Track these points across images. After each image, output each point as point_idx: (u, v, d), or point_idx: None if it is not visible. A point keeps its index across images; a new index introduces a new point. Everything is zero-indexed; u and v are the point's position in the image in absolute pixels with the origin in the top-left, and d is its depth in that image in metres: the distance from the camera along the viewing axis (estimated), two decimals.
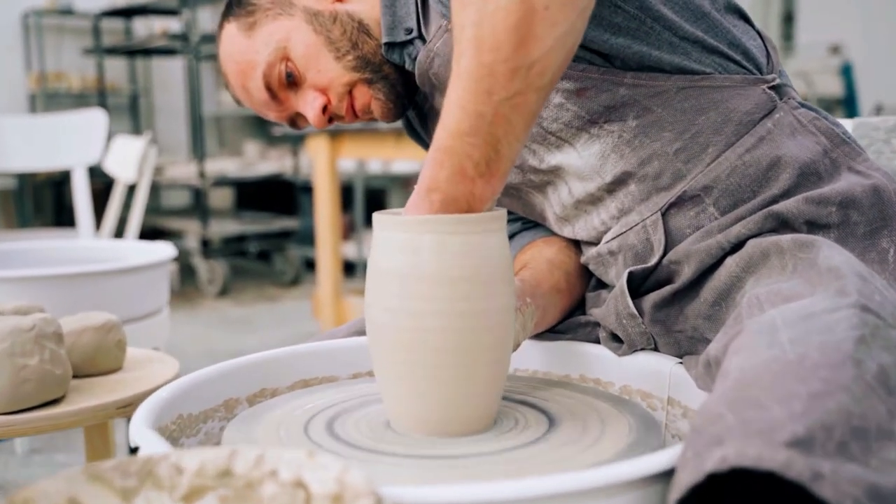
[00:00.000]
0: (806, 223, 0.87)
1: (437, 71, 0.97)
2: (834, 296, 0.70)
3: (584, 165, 0.94)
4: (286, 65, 1.02)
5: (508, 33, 0.72)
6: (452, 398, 0.76)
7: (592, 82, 0.90)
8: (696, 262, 0.89)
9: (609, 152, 0.93)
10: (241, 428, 0.80)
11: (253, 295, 4.85)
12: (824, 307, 0.68)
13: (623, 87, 0.90)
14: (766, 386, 0.62)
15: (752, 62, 0.94)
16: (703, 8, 0.93)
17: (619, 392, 0.96)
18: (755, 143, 0.90)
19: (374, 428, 0.80)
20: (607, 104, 0.91)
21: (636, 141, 0.91)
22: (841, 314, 0.67)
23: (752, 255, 0.85)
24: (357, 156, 3.44)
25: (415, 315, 0.75)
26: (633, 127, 0.91)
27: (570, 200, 0.98)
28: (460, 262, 0.75)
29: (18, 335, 1.02)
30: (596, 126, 0.92)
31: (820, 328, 0.66)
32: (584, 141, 0.93)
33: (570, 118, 0.92)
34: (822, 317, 0.67)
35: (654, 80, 0.90)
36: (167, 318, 1.88)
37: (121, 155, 3.07)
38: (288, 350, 0.99)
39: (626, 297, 0.92)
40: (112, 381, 1.15)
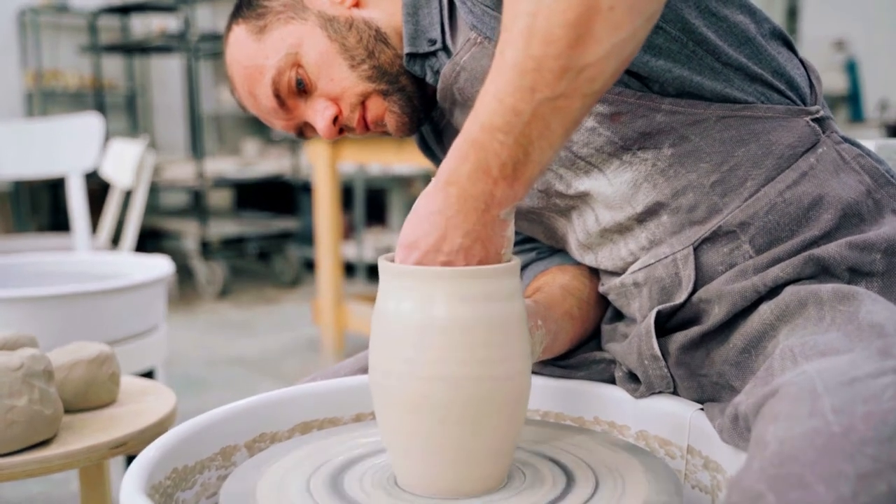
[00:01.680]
0: (848, 270, 0.82)
1: (462, 86, 0.92)
2: (876, 357, 0.65)
3: (615, 193, 0.89)
4: (297, 71, 0.97)
5: (565, 28, 0.67)
6: (463, 457, 0.72)
7: (628, 107, 0.85)
8: (728, 304, 0.84)
9: (642, 181, 0.88)
10: (240, 485, 0.75)
11: (252, 297, 4.81)
12: (867, 371, 0.63)
13: (660, 114, 0.85)
14: (810, 462, 0.57)
15: (795, 92, 0.89)
16: (749, 33, 0.87)
17: (635, 437, 0.91)
18: (797, 180, 0.85)
19: (381, 485, 0.75)
20: (642, 131, 0.86)
21: (671, 171, 0.86)
22: (887, 380, 0.62)
23: (789, 304, 0.80)
24: (357, 160, 3.40)
25: (425, 368, 0.71)
26: (669, 156, 0.86)
27: (597, 228, 0.93)
28: (473, 314, 0.71)
29: (6, 375, 0.98)
30: (629, 153, 0.87)
31: (865, 396, 0.61)
32: (616, 168, 0.88)
33: (602, 143, 0.87)
34: (866, 382, 0.62)
35: (694, 107, 0.85)
36: (165, 334, 1.83)
37: (118, 160, 3.03)
38: (287, 392, 0.95)
39: (652, 337, 0.87)
40: (105, 417, 1.11)
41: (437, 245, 0.72)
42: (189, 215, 5.42)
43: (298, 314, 4.28)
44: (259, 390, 3.16)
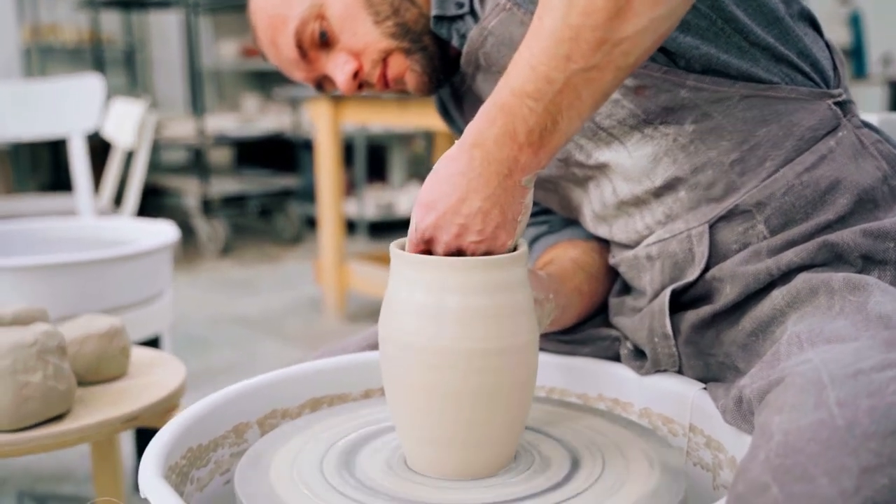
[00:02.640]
0: (862, 257, 0.83)
1: (488, 51, 0.92)
2: (882, 348, 0.66)
3: (634, 166, 0.90)
4: (321, 24, 0.96)
5: (606, 0, 0.68)
6: (473, 440, 0.74)
7: (653, 81, 0.85)
8: (740, 286, 0.85)
9: (662, 155, 0.88)
10: (253, 468, 0.77)
11: (254, 254, 4.83)
12: (872, 364, 0.65)
13: (684, 90, 0.85)
14: (814, 455, 0.59)
15: (819, 74, 0.89)
16: (778, 13, 0.87)
17: (638, 414, 0.93)
18: (815, 162, 0.85)
19: (391, 467, 0.77)
20: (666, 105, 0.86)
21: (692, 147, 0.87)
22: (891, 373, 0.63)
23: (800, 291, 0.81)
24: (359, 120, 3.38)
25: (437, 354, 0.72)
26: (690, 132, 0.87)
27: (614, 200, 0.94)
28: (482, 303, 0.72)
29: (20, 351, 1.00)
30: (651, 127, 0.87)
31: (869, 390, 0.62)
32: (637, 141, 0.89)
33: (624, 115, 0.87)
34: (870, 375, 0.64)
35: (718, 85, 0.85)
36: (171, 300, 1.85)
37: (119, 120, 3.02)
38: (297, 369, 0.96)
39: (666, 316, 0.89)
40: (116, 391, 1.12)
41: (456, 207, 0.73)
42: (189, 172, 5.41)
43: (300, 272, 4.30)
44: (261, 351, 3.20)
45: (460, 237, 0.74)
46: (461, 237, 0.74)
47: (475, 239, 0.74)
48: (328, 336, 3.28)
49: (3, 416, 0.98)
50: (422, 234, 0.75)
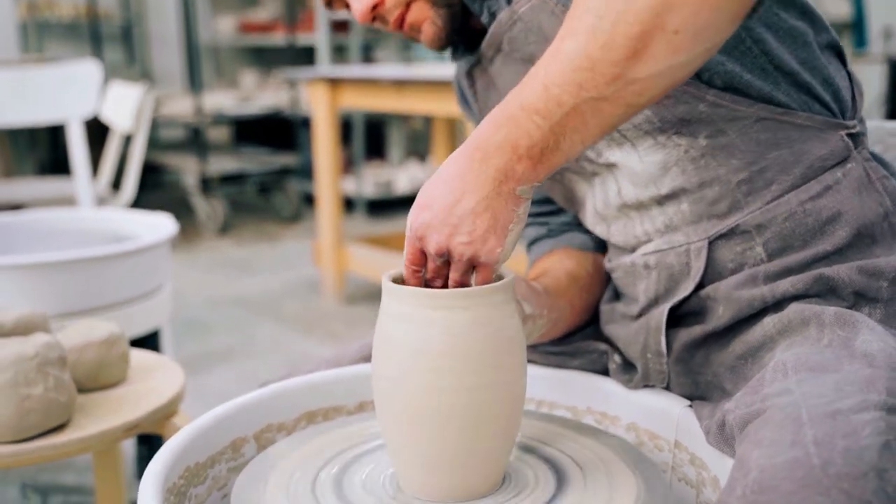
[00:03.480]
0: (854, 293, 0.84)
1: (514, 35, 0.92)
2: (862, 387, 0.69)
3: (642, 171, 0.91)
4: None
5: (626, 39, 0.68)
6: (459, 466, 0.76)
7: (673, 91, 0.84)
8: (734, 310, 0.87)
9: (672, 165, 0.89)
10: (248, 491, 0.79)
11: (253, 233, 4.84)
12: (851, 405, 0.67)
13: (703, 104, 0.85)
14: (788, 493, 0.61)
15: (838, 104, 0.89)
16: (806, 38, 0.88)
17: (625, 429, 0.96)
18: (820, 192, 0.86)
19: (383, 487, 0.80)
20: (682, 117, 0.86)
21: (702, 161, 0.88)
22: (867, 416, 0.66)
23: (792, 321, 0.83)
24: (357, 105, 3.39)
25: (422, 385, 0.74)
26: (703, 146, 0.87)
27: (617, 201, 0.95)
28: (470, 334, 0.74)
29: (22, 364, 1.02)
30: (664, 135, 0.88)
31: (845, 431, 0.65)
32: (649, 146, 0.89)
33: (640, 120, 0.87)
34: (847, 416, 0.66)
35: (737, 103, 0.85)
36: (170, 293, 1.87)
37: (117, 103, 3.02)
38: (291, 383, 0.98)
39: (662, 334, 0.91)
40: (117, 398, 1.15)
41: (450, 207, 0.74)
42: (188, 150, 5.41)
43: (299, 252, 4.32)
44: (260, 334, 3.22)
45: (451, 237, 0.75)
46: (451, 237, 0.75)
47: (464, 240, 0.74)
48: (326, 319, 3.31)
49: (5, 428, 1.00)
50: (415, 233, 0.77)
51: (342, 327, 3.22)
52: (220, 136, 6.22)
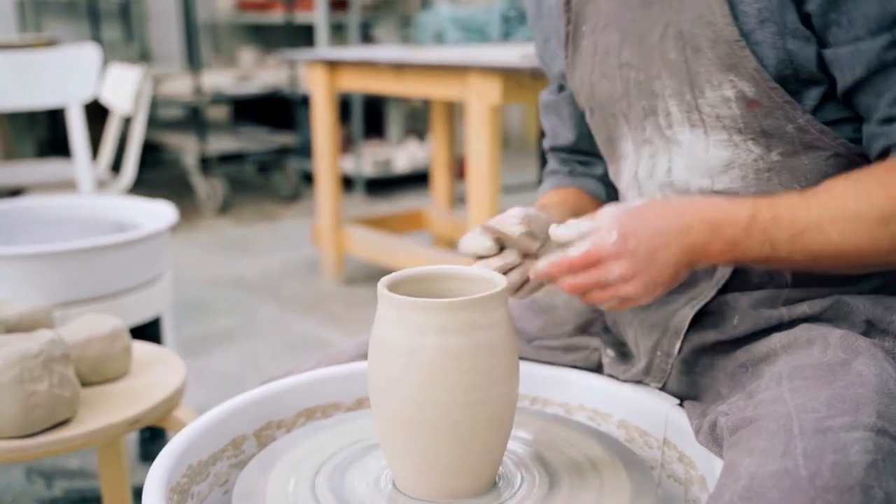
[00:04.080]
0: (866, 321, 0.87)
1: None
2: (852, 407, 0.72)
3: (705, 160, 0.91)
4: None
5: (839, 264, 0.82)
6: (453, 467, 0.79)
7: (771, 103, 0.85)
8: (749, 324, 0.89)
9: (735, 166, 0.90)
10: (248, 490, 0.82)
11: (252, 212, 4.86)
12: (842, 423, 0.70)
13: (792, 125, 0.86)
14: (774, 501, 0.64)
15: None
16: None
17: (617, 425, 0.98)
18: None
19: (379, 489, 0.82)
20: (766, 129, 0.87)
21: (766, 174, 0.89)
22: (856, 434, 0.68)
23: (798, 339, 0.85)
24: (356, 88, 3.39)
25: (416, 392, 0.76)
26: (773, 161, 0.88)
27: (663, 178, 0.95)
28: (462, 343, 0.76)
29: (27, 361, 1.04)
30: (741, 136, 0.89)
31: (835, 447, 0.67)
32: (721, 140, 0.90)
33: (726, 114, 0.88)
34: (838, 434, 0.69)
35: (823, 133, 0.86)
36: (170, 281, 1.89)
37: (117, 86, 3.03)
38: (291, 381, 1.00)
39: (679, 339, 0.93)
40: (120, 391, 1.17)
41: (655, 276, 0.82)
42: (187, 129, 5.41)
43: (298, 231, 4.34)
44: (260, 315, 3.23)
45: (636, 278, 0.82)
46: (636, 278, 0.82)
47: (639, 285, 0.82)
48: (326, 300, 3.33)
49: (11, 424, 1.03)
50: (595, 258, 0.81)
51: (341, 308, 3.24)
52: (219, 114, 6.22)
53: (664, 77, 0.91)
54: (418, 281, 0.84)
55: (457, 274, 0.85)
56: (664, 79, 0.91)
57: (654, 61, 0.91)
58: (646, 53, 0.92)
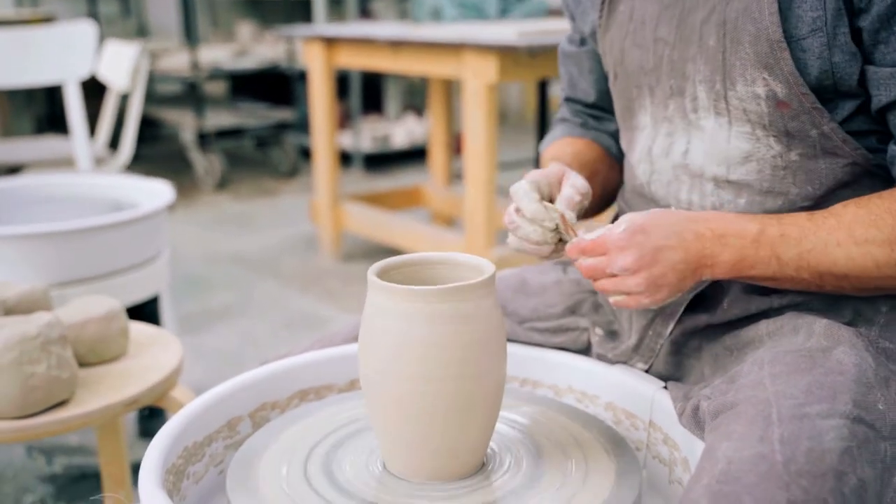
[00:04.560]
0: (854, 311, 0.89)
1: None
2: (830, 395, 0.74)
3: (725, 149, 0.92)
4: None
5: (861, 289, 0.85)
6: (442, 450, 0.81)
7: (799, 106, 0.86)
8: (739, 309, 0.91)
9: (754, 160, 0.91)
10: (243, 471, 0.84)
11: (250, 188, 4.86)
12: (819, 411, 0.71)
13: (815, 130, 0.87)
14: (750, 485, 0.66)
15: None
16: None
17: (604, 407, 1.00)
18: None
19: (369, 470, 0.84)
20: (790, 129, 0.88)
21: (782, 173, 0.90)
22: (832, 422, 0.70)
23: (784, 326, 0.87)
24: (353, 64, 3.38)
25: (406, 378, 0.78)
26: (792, 161, 0.89)
27: (679, 160, 0.97)
28: (450, 330, 0.77)
29: (25, 344, 1.06)
30: (764, 132, 0.89)
31: (811, 433, 0.69)
32: (744, 132, 0.91)
33: (753, 108, 0.89)
34: (814, 421, 0.70)
35: (845, 142, 0.87)
36: (168, 259, 1.91)
37: (113, 62, 3.03)
38: (285, 363, 1.02)
39: (674, 321, 0.95)
40: (118, 372, 1.19)
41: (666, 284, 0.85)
42: (184, 105, 5.40)
43: (297, 208, 4.35)
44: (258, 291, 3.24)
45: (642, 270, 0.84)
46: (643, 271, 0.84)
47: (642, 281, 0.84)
48: (324, 276, 3.35)
49: (10, 405, 1.05)
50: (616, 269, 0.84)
51: (339, 285, 3.26)
52: (217, 90, 6.20)
53: (699, 62, 0.91)
54: (408, 267, 0.86)
55: (446, 260, 0.87)
56: (698, 63, 0.91)
57: (692, 44, 0.92)
58: (684, 34, 0.92)
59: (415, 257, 0.87)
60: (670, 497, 0.92)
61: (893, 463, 0.74)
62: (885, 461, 0.73)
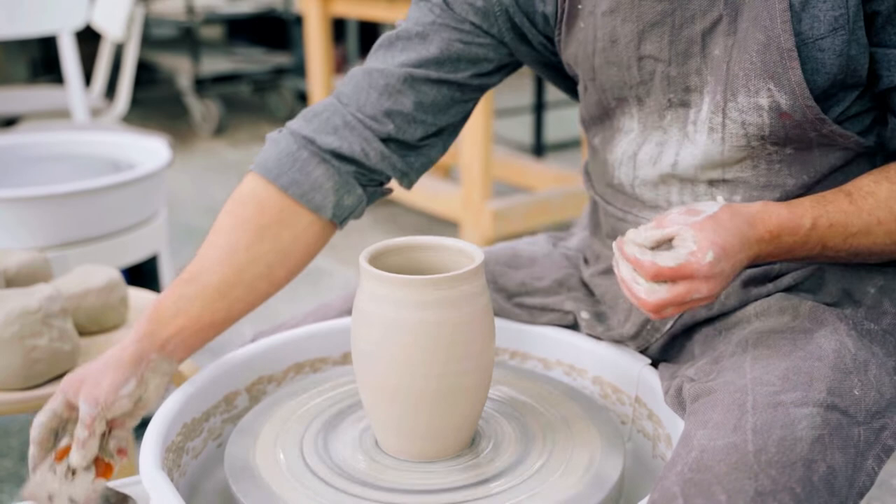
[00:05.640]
0: (842, 290, 0.91)
1: None
2: (805, 381, 0.76)
3: (718, 160, 0.91)
4: None
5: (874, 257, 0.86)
6: (432, 432, 0.84)
7: (802, 118, 0.85)
8: (737, 300, 0.92)
9: (748, 157, 0.90)
10: (242, 447, 0.87)
11: (248, 134, 4.85)
12: (793, 399, 0.74)
13: (816, 133, 0.87)
14: (721, 475, 0.68)
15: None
16: None
17: (591, 381, 1.03)
18: None
19: (363, 450, 0.87)
20: (790, 136, 0.88)
21: (778, 165, 0.90)
22: (805, 410, 0.73)
23: (771, 307, 0.89)
24: (349, 13, 3.35)
25: (394, 364, 0.81)
26: (786, 154, 0.89)
27: (666, 169, 0.93)
28: (438, 318, 0.80)
29: (27, 317, 1.08)
30: (760, 142, 0.89)
31: (783, 422, 0.72)
32: (739, 146, 0.89)
33: (753, 121, 0.87)
34: (788, 409, 0.73)
35: (844, 139, 0.87)
36: (166, 218, 1.92)
37: (108, 11, 3.00)
38: (281, 337, 1.04)
39: (673, 319, 0.94)
40: (118, 341, 1.21)
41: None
42: (180, 49, 5.35)
43: None
44: None
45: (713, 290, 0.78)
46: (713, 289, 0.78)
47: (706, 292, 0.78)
48: None
49: (14, 378, 1.08)
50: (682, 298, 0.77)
51: (336, 236, 3.24)
52: (213, 34, 6.14)
53: (704, 73, 0.89)
54: (400, 251, 0.88)
55: (438, 244, 0.89)
56: (704, 74, 0.89)
57: (692, 57, 0.89)
58: (680, 48, 0.89)
59: (407, 241, 0.88)
60: (653, 470, 0.95)
61: (867, 447, 0.77)
62: (859, 446, 0.76)
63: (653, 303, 0.76)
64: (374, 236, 3.27)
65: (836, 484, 0.71)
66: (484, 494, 0.80)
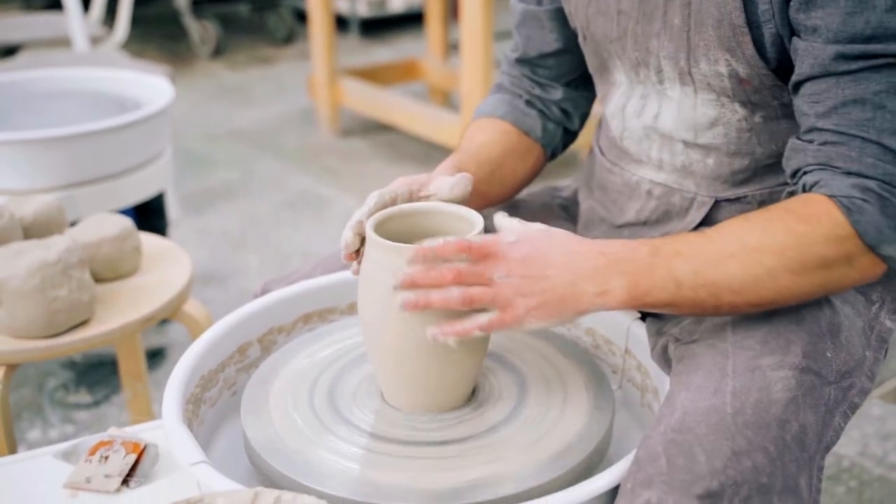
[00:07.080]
0: None
1: None
2: (782, 346, 0.82)
3: (691, 116, 0.97)
4: None
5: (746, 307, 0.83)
6: (435, 385, 0.89)
7: (761, 84, 0.90)
8: None
9: (720, 124, 0.95)
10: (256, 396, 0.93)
11: (247, 56, 4.82)
12: (770, 363, 0.80)
13: (776, 101, 0.92)
14: (701, 436, 0.74)
15: None
16: None
17: (584, 332, 1.08)
18: None
19: (370, 403, 0.93)
20: (753, 100, 0.93)
21: (748, 133, 0.95)
22: (781, 374, 0.79)
23: None
24: None
25: (399, 326, 0.86)
26: (756, 122, 0.94)
27: (649, 122, 1.00)
28: None
29: (47, 269, 1.13)
30: (728, 99, 0.94)
31: (760, 385, 0.78)
32: (710, 100, 0.95)
33: (717, 83, 0.92)
34: (765, 372, 0.79)
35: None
36: (171, 156, 1.95)
37: None
38: (291, 290, 1.09)
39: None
40: (132, 289, 1.27)
41: (541, 277, 0.80)
42: None
43: (293, 77, 4.34)
44: (258, 169, 3.30)
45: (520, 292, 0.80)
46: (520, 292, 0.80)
47: (531, 304, 0.80)
48: (324, 152, 3.40)
49: (37, 327, 1.13)
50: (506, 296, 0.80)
51: (338, 162, 3.31)
52: None
53: (663, 38, 0.93)
54: (405, 217, 0.92)
55: (442, 210, 0.93)
56: (662, 39, 0.94)
57: (655, 20, 0.94)
58: (646, 10, 0.94)
59: (412, 208, 0.93)
60: (641, 419, 1.01)
61: (835, 405, 0.83)
62: (829, 404, 0.82)
63: (455, 271, 0.80)
64: (376, 164, 3.30)
65: (807, 441, 0.77)
66: (487, 443, 0.86)
